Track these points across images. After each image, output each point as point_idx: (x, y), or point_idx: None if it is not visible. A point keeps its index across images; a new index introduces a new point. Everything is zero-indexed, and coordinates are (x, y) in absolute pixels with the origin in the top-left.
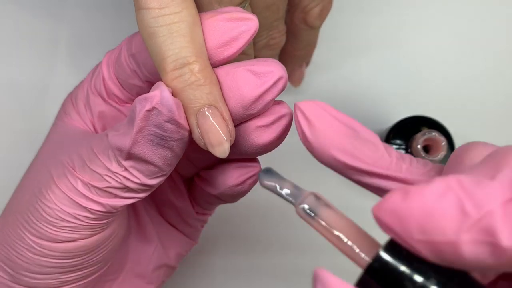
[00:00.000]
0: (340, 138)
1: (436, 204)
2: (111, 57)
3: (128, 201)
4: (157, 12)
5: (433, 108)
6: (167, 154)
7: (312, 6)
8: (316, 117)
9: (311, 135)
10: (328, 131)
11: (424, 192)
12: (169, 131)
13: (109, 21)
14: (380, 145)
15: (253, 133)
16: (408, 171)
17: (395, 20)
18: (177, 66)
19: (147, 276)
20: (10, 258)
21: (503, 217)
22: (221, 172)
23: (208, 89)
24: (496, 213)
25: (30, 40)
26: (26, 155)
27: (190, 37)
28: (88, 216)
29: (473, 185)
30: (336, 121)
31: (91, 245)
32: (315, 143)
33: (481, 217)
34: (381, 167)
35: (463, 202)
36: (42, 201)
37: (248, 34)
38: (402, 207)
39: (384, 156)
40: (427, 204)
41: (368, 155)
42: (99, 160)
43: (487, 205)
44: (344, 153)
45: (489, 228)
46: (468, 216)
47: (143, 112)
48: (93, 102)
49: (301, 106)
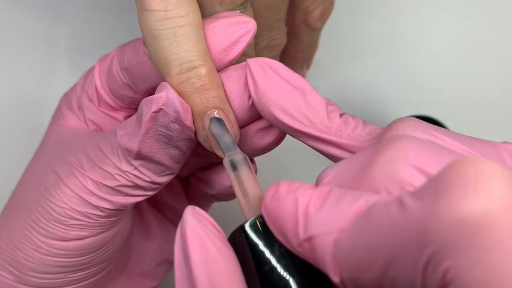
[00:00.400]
0: (282, 98)
1: (283, 213)
2: (103, 66)
3: (137, 199)
4: (162, 15)
5: (434, 108)
6: (175, 152)
7: (314, 7)
8: (261, 76)
9: (254, 93)
10: (270, 90)
11: (280, 199)
12: (175, 131)
13: (108, 22)
14: (322, 109)
15: (255, 136)
16: (348, 136)
17: (395, 22)
18: (183, 70)
19: (150, 272)
20: (16, 259)
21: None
22: (218, 173)
23: (214, 93)
24: (318, 238)
25: (30, 40)
26: (25, 155)
27: (195, 41)
28: (98, 214)
29: (316, 206)
30: (283, 81)
31: (99, 242)
32: (257, 101)
33: (304, 240)
34: (319, 130)
35: (298, 220)
36: (51, 201)
37: (248, 37)
38: (267, 205)
39: (324, 120)
40: (278, 209)
41: (309, 117)
42: (109, 160)
43: (313, 231)
44: (284, 113)
45: (311, 252)
46: (298, 235)
47: (150, 113)
48: (87, 107)
49: (249, 64)
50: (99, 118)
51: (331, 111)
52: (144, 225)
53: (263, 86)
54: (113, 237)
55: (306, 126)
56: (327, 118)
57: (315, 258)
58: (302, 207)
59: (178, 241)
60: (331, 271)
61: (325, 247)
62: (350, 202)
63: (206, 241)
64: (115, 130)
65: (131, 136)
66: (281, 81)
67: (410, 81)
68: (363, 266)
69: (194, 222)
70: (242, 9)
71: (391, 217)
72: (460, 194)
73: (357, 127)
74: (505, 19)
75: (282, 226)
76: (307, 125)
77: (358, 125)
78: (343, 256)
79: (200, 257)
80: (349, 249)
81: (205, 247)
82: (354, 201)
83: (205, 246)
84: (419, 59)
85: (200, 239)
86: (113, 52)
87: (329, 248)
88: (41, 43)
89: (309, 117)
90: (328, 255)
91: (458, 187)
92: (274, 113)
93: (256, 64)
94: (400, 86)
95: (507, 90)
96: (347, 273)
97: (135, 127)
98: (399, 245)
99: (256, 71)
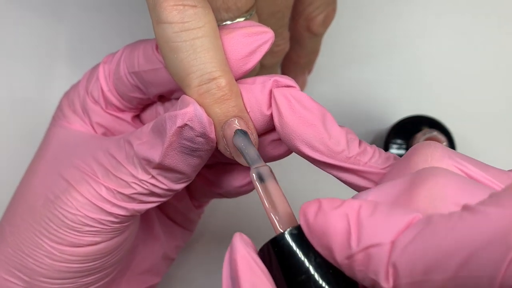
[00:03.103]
0: (306, 132)
1: (332, 228)
2: (109, 68)
3: (151, 205)
4: (179, 27)
5: (434, 108)
6: (195, 162)
7: (316, 14)
8: (286, 108)
9: (279, 124)
10: (294, 123)
11: (328, 215)
12: (199, 144)
13: (108, 22)
14: (343, 140)
15: (268, 146)
16: (366, 165)
17: (394, 25)
18: (203, 81)
19: (153, 269)
20: (26, 266)
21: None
22: (227, 173)
23: (234, 102)
24: (378, 249)
25: (30, 40)
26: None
27: (213, 51)
28: (112, 220)
29: (367, 217)
30: (307, 113)
31: (111, 247)
32: (281, 131)
33: (358, 251)
34: (339, 160)
35: (350, 233)
36: (62, 207)
37: (266, 47)
38: (311, 223)
39: (345, 150)
40: (326, 225)
41: (330, 149)
42: (124, 168)
43: (368, 241)
44: (307, 145)
45: (364, 263)
46: (351, 247)
47: (175, 128)
48: (92, 111)
49: (275, 95)
50: (106, 121)
51: (350, 141)
52: (147, 223)
53: (288, 119)
54: (125, 240)
55: (327, 157)
56: (347, 148)
57: (367, 268)
58: (353, 220)
59: (227, 266)
60: (383, 279)
61: (381, 255)
62: (401, 214)
63: (255, 267)
64: (128, 138)
65: (150, 147)
66: (305, 114)
67: (409, 82)
68: (434, 269)
69: (243, 249)
70: (248, 16)
71: (465, 222)
72: None
73: (374, 156)
74: (504, 19)
75: (329, 241)
76: (329, 156)
77: (375, 154)
78: (409, 262)
79: (249, 283)
80: (418, 254)
81: (254, 272)
82: (405, 214)
83: (254, 272)
84: (418, 61)
85: (249, 266)
86: (119, 54)
87: (386, 256)
88: (41, 43)
89: (331, 148)
90: (384, 263)
91: None
92: (297, 146)
93: (281, 95)
94: (400, 88)
95: (507, 89)
96: (411, 278)
97: (153, 138)
98: (478, 246)
99: (282, 103)
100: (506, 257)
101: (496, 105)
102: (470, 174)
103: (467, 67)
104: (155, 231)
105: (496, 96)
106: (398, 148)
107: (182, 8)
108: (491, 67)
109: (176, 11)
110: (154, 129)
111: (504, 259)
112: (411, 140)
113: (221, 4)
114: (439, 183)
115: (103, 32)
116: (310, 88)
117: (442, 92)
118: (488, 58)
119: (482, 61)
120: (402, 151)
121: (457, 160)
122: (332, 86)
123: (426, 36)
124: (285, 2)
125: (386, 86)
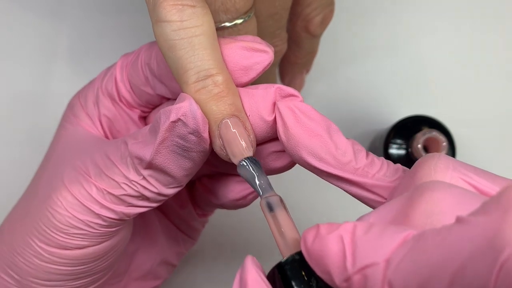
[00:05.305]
0: (312, 142)
1: (328, 252)
2: (127, 60)
3: (140, 210)
4: (178, 25)
5: (434, 108)
6: (188, 164)
7: (314, 15)
8: (291, 120)
9: (284, 136)
10: (300, 134)
11: (324, 239)
12: (191, 142)
13: (108, 22)
14: (350, 151)
15: (268, 157)
16: (374, 178)
17: (392, 25)
18: (200, 78)
19: (152, 273)
20: (16, 264)
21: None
22: (223, 184)
23: (231, 100)
24: (373, 269)
25: (30, 40)
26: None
27: (211, 49)
28: (100, 223)
29: (360, 238)
30: (312, 124)
31: (100, 252)
32: (286, 143)
33: (354, 273)
34: (347, 171)
35: (345, 255)
36: (52, 207)
37: (261, 66)
38: (309, 248)
39: (352, 161)
40: (323, 249)
41: (338, 160)
42: (116, 168)
43: (363, 262)
44: (314, 156)
45: (361, 284)
46: (347, 269)
47: (168, 123)
48: (102, 103)
49: (280, 107)
50: (113, 114)
51: (357, 152)
52: (147, 227)
53: (294, 130)
54: (115, 246)
55: (335, 169)
56: (354, 159)
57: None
58: (348, 242)
59: (237, 285)
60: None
61: (377, 274)
62: (395, 232)
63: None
64: (125, 140)
65: (144, 145)
66: (311, 124)
67: (409, 82)
68: (429, 283)
69: (254, 270)
70: (246, 18)
71: (455, 233)
72: None
73: (382, 168)
74: (504, 20)
75: (326, 265)
76: (336, 167)
77: (383, 166)
78: (404, 279)
79: None
80: (411, 270)
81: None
82: (399, 231)
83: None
84: (417, 60)
85: (259, 287)
86: (142, 48)
87: (381, 274)
88: (41, 43)
89: (338, 159)
90: (379, 282)
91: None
92: (304, 157)
93: (286, 107)
94: (399, 84)
95: (507, 89)
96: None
97: (148, 137)
98: (467, 256)
99: (287, 115)
100: (496, 262)
101: (496, 105)
102: (476, 185)
103: (467, 67)
104: (156, 237)
105: (496, 96)
106: (398, 148)
107: (181, 8)
108: (491, 67)
109: (175, 10)
110: (151, 129)
111: (495, 264)
112: (411, 140)
113: (219, 6)
114: (434, 198)
115: (103, 32)
116: (309, 88)
117: (442, 92)
118: (488, 58)
119: (482, 61)
120: (402, 151)
121: (462, 171)
122: (331, 85)
123: (426, 36)
124: (283, 4)
125: (386, 86)
